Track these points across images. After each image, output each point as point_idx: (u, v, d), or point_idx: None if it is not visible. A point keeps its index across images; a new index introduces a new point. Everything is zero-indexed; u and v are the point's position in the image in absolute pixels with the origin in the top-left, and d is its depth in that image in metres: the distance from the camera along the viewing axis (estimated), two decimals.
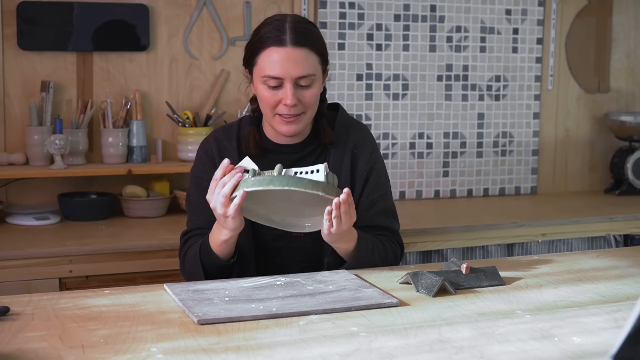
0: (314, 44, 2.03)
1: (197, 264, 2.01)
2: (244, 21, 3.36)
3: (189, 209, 2.15)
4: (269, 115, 2.06)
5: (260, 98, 2.06)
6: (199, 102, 3.32)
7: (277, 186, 1.77)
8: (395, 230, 2.17)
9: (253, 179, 1.80)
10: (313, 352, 1.43)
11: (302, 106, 2.03)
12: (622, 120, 3.81)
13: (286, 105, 2.01)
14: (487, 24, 3.70)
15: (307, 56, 2.01)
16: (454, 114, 3.68)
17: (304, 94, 2.02)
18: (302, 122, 2.05)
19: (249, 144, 2.11)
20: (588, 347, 1.47)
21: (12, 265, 2.60)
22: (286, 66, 1.99)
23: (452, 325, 1.59)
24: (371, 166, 2.14)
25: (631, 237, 3.39)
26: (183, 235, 2.13)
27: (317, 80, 2.04)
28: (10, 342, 1.47)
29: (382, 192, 2.15)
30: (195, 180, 2.14)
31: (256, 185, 1.79)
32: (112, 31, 3.18)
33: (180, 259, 2.11)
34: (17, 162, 3.06)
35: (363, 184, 2.13)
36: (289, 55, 1.99)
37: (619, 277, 1.99)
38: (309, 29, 2.05)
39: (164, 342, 1.48)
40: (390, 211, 2.16)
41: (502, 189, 3.80)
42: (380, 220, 2.13)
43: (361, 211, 2.09)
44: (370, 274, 1.96)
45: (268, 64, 2.00)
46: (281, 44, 1.99)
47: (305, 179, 1.79)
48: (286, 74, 1.99)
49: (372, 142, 2.19)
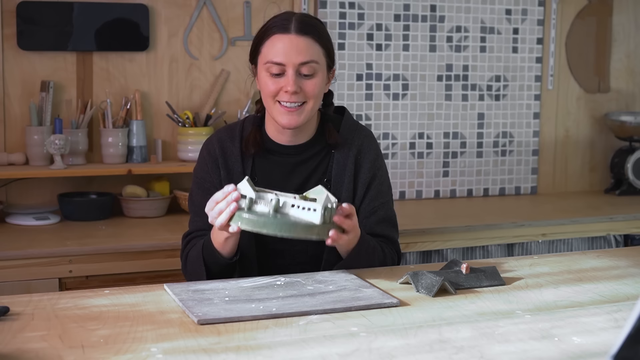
0: (319, 35, 2.03)
1: (199, 263, 2.00)
2: (244, 21, 3.36)
3: (192, 210, 2.15)
4: (270, 104, 2.04)
5: (261, 87, 2.05)
6: (199, 102, 3.32)
7: (270, 231, 1.77)
8: (395, 240, 2.16)
9: (248, 217, 1.79)
10: (313, 352, 1.43)
11: (303, 95, 2.01)
12: (622, 120, 3.81)
13: (287, 92, 1.99)
14: (487, 24, 3.70)
15: (310, 45, 2.01)
16: (454, 114, 3.69)
17: (305, 83, 2.01)
18: (302, 113, 2.03)
19: (248, 142, 2.10)
20: (588, 347, 1.47)
21: (12, 265, 2.60)
22: (289, 52, 1.99)
23: (452, 325, 1.59)
24: (374, 173, 2.13)
25: (631, 237, 3.39)
26: (185, 237, 2.13)
27: (321, 70, 2.03)
28: (10, 342, 1.47)
29: (384, 200, 2.14)
30: (198, 182, 2.13)
31: (250, 225, 1.79)
32: (112, 31, 3.18)
33: (182, 260, 2.11)
34: (17, 162, 3.06)
35: (365, 190, 2.12)
36: (292, 42, 1.99)
37: (619, 277, 1.99)
38: (315, 23, 2.06)
39: (164, 342, 1.48)
40: (390, 220, 2.15)
41: (502, 189, 3.80)
42: (379, 228, 2.12)
43: (361, 218, 2.08)
44: (370, 274, 1.95)
45: (271, 50, 2.00)
46: (285, 31, 2.00)
47: (299, 225, 1.78)
48: (288, 60, 1.99)
49: (377, 149, 2.17)
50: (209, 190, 2.07)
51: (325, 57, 2.05)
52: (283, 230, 1.77)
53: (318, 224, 1.79)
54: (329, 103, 2.17)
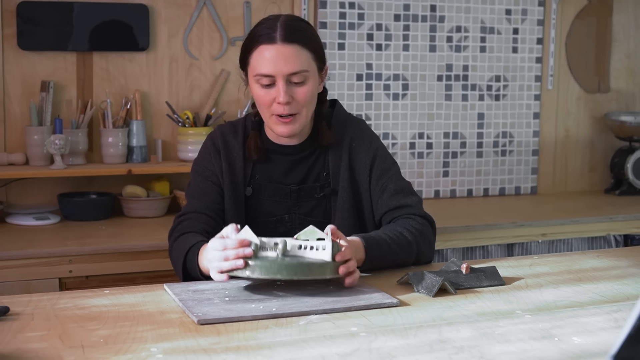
0: (306, 41, 2.01)
1: (179, 264, 1.97)
2: (244, 21, 3.36)
3: (188, 194, 2.13)
4: (266, 115, 2.06)
5: (255, 98, 2.06)
6: (199, 102, 3.32)
7: (284, 276, 1.72)
8: (413, 204, 2.10)
9: (260, 264, 1.72)
10: (313, 352, 1.43)
11: (296, 104, 2.01)
12: (622, 120, 3.81)
13: (280, 104, 2.00)
14: (487, 24, 3.70)
15: (298, 53, 1.99)
16: (454, 114, 3.68)
17: (297, 92, 2.01)
18: (298, 122, 2.04)
19: (250, 148, 2.12)
20: (588, 347, 1.47)
21: (12, 265, 2.60)
22: (277, 63, 1.98)
23: (452, 325, 1.59)
24: (374, 154, 2.14)
25: (631, 237, 3.39)
26: (178, 217, 2.10)
27: (311, 77, 2.03)
28: (10, 342, 1.47)
29: (390, 174, 2.13)
30: (199, 169, 2.13)
31: (262, 272, 1.72)
32: (112, 31, 3.18)
33: (170, 242, 2.07)
34: (17, 162, 3.06)
35: (369, 173, 2.12)
36: (280, 52, 1.98)
37: (619, 277, 1.99)
38: (301, 27, 2.04)
39: (164, 342, 1.48)
40: (402, 189, 2.12)
41: (502, 189, 3.80)
42: (394, 201, 2.10)
43: (375, 199, 2.10)
44: (370, 274, 1.95)
45: (259, 62, 2.00)
46: (271, 41, 1.99)
47: (314, 266, 1.74)
48: (277, 71, 1.98)
49: (370, 133, 2.18)
50: (209, 177, 2.10)
51: (315, 60, 2.04)
52: (298, 273, 1.72)
53: (330, 261, 1.76)
54: (323, 100, 2.17)
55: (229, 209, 2.11)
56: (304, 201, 2.14)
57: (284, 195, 2.13)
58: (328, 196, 2.14)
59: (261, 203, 2.14)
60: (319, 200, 2.14)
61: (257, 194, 2.14)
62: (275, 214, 2.14)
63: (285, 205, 2.14)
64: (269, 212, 2.14)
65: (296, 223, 2.13)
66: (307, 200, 2.14)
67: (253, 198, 2.14)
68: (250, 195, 2.13)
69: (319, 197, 2.14)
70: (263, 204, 2.14)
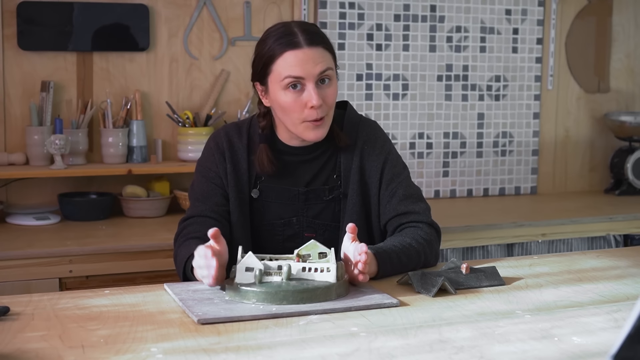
0: (327, 43, 2.04)
1: (180, 273, 1.97)
2: (244, 21, 3.36)
3: (192, 196, 2.10)
4: (296, 122, 2.02)
5: (283, 106, 2.01)
6: (199, 102, 3.32)
7: (290, 302, 1.70)
8: (420, 212, 2.11)
9: (265, 290, 1.70)
10: (313, 352, 1.43)
11: (326, 107, 2.01)
12: (622, 120, 3.81)
13: (313, 108, 1.98)
14: (487, 24, 3.70)
15: (323, 54, 2.00)
16: (454, 114, 3.69)
17: (327, 93, 2.01)
18: (326, 124, 2.04)
19: (262, 163, 2.07)
20: (588, 347, 1.47)
21: (12, 265, 2.60)
22: (306, 66, 1.97)
23: (452, 325, 1.59)
24: (385, 157, 2.13)
25: (631, 237, 3.39)
26: (183, 221, 2.07)
27: (334, 76, 2.04)
28: (10, 342, 1.47)
29: (400, 179, 2.12)
30: (203, 170, 2.11)
31: (267, 300, 1.70)
32: (112, 31, 3.18)
33: (175, 248, 2.05)
34: (17, 162, 3.06)
35: (380, 177, 2.11)
36: (307, 55, 1.98)
37: (619, 277, 1.99)
38: (317, 30, 2.05)
39: (164, 342, 1.48)
40: (411, 195, 2.12)
41: (502, 189, 3.80)
42: (402, 207, 2.10)
43: (384, 204, 2.10)
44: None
45: (287, 67, 1.97)
46: (296, 46, 1.98)
47: (319, 289, 1.72)
48: (307, 73, 1.97)
49: (382, 136, 2.17)
50: (213, 179, 2.08)
51: (334, 61, 2.06)
52: (305, 299, 1.70)
53: (335, 282, 1.75)
54: None
55: (233, 211, 2.08)
56: (313, 203, 2.11)
57: (291, 197, 2.10)
58: (337, 199, 2.12)
59: (268, 205, 2.11)
60: (327, 203, 2.11)
61: (264, 196, 2.11)
62: (283, 216, 2.11)
63: (293, 208, 2.11)
64: (277, 214, 2.11)
65: (304, 226, 2.11)
66: (315, 203, 2.11)
67: (259, 200, 2.11)
68: (257, 198, 2.11)
69: (328, 199, 2.12)
70: (270, 206, 2.11)
